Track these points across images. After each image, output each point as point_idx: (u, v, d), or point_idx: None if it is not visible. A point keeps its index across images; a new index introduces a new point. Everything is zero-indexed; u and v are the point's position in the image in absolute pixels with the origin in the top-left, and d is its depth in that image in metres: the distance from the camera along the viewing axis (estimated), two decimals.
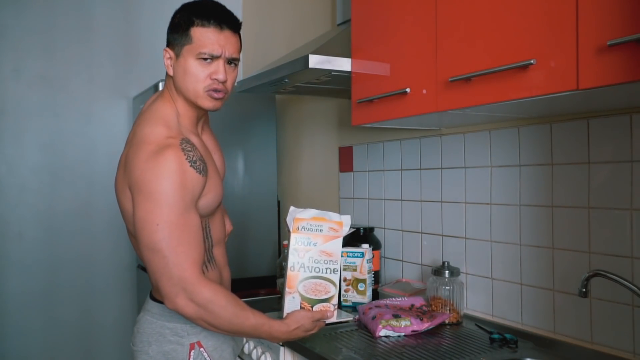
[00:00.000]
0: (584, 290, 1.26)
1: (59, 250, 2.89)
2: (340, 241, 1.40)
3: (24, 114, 2.82)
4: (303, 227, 1.40)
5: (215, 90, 1.35)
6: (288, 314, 1.38)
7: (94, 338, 2.97)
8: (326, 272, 1.39)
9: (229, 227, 1.68)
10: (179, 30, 1.34)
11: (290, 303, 1.39)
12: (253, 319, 1.30)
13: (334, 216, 1.42)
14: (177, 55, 1.35)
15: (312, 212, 1.41)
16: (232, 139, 2.67)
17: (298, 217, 1.41)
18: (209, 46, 1.32)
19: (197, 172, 1.29)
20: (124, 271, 3.05)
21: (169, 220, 1.23)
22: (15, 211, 2.81)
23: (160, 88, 2.41)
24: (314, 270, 1.39)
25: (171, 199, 1.24)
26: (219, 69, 1.33)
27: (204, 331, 1.38)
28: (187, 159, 1.27)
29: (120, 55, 3.04)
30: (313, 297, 1.39)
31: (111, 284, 3.02)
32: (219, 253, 1.49)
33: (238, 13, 3.33)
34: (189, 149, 1.30)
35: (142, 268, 2.85)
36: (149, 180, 1.24)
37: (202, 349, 1.38)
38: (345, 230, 1.41)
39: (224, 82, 1.35)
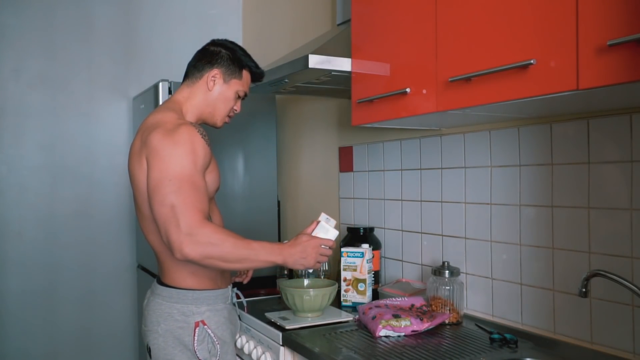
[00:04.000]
0: (584, 290, 1.26)
1: (59, 250, 2.89)
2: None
3: (24, 114, 2.82)
4: None
5: (230, 118, 1.72)
6: None
7: (94, 337, 2.97)
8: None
9: (247, 279, 1.89)
10: (235, 63, 1.65)
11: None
12: (255, 243, 1.45)
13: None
14: (224, 82, 1.65)
15: None
16: (232, 139, 2.67)
17: None
18: (246, 90, 1.70)
19: (206, 143, 1.51)
20: (124, 271, 3.05)
21: (180, 177, 1.41)
22: (15, 211, 2.80)
23: (161, 88, 2.43)
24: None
25: (184, 160, 1.44)
26: (239, 104, 1.73)
27: (207, 312, 1.56)
28: (198, 131, 1.50)
29: (120, 55, 3.04)
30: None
31: (111, 284, 3.02)
32: None
33: (238, 13, 3.37)
34: (198, 126, 1.53)
35: (142, 268, 2.85)
36: (164, 146, 1.45)
37: (205, 326, 1.54)
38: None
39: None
